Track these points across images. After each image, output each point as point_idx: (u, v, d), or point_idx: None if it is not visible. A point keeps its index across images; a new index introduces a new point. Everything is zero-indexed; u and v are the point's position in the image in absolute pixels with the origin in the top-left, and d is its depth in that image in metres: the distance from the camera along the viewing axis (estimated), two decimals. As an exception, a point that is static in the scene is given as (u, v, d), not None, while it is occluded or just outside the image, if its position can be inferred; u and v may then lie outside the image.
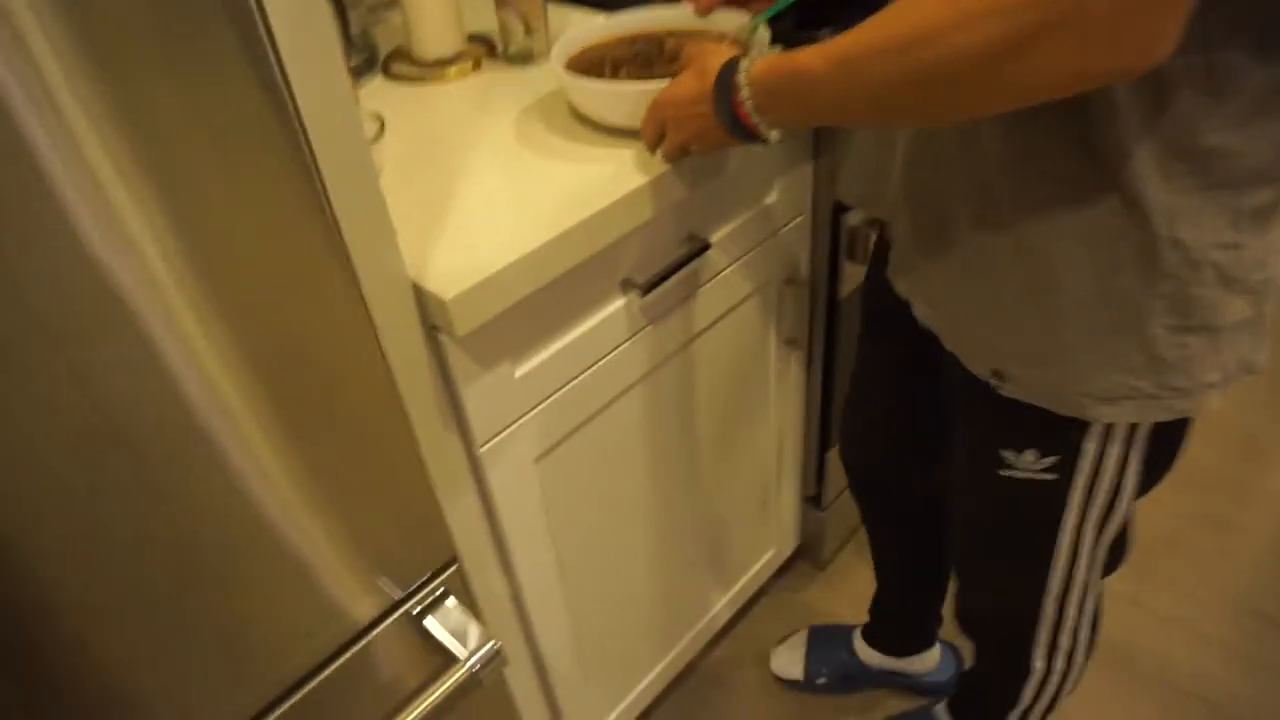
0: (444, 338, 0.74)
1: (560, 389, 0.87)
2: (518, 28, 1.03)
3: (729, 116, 0.69)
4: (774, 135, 0.69)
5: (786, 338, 1.19)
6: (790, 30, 0.99)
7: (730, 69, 0.69)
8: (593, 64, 0.91)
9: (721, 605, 1.37)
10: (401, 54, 1.10)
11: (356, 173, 0.62)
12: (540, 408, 0.86)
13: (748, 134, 0.69)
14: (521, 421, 0.85)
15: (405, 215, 0.79)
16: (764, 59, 0.67)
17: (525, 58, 1.05)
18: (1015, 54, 0.51)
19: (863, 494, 1.19)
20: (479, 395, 0.79)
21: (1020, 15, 0.50)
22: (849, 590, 1.55)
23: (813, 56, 0.62)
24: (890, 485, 1.14)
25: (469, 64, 1.06)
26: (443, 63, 1.07)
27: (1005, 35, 0.51)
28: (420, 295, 0.71)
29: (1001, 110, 0.57)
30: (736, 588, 1.39)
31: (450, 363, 0.76)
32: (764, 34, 0.88)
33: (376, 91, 1.05)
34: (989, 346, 0.75)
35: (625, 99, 0.84)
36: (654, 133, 0.80)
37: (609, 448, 0.99)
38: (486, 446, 0.83)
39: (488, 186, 0.83)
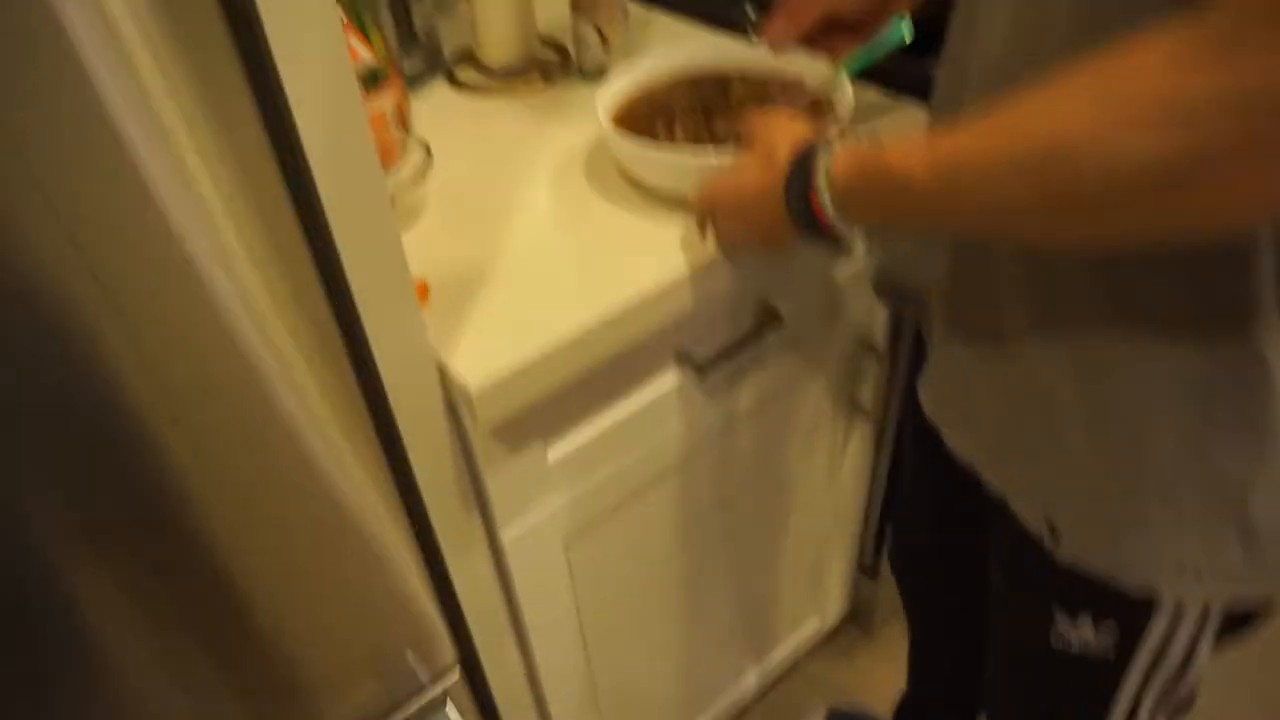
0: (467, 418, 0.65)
1: (599, 469, 0.77)
2: (593, 40, 0.92)
3: (803, 213, 0.56)
4: (857, 241, 0.56)
5: (857, 407, 1.07)
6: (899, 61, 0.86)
7: (806, 162, 0.56)
8: (647, 112, 0.79)
9: (754, 676, 1.27)
10: (467, 56, 1.00)
11: (379, 249, 0.52)
12: (574, 491, 0.76)
13: (824, 235, 0.57)
14: (552, 506, 0.75)
15: (441, 269, 0.70)
16: (848, 153, 0.54)
17: (600, 73, 0.94)
18: (1196, 178, 0.38)
19: (908, 601, 1.07)
20: (505, 480, 0.70)
21: (1211, 125, 0.37)
22: (900, 660, 1.44)
23: (914, 160, 0.49)
24: (936, 604, 1.02)
25: (537, 77, 0.95)
26: (509, 72, 0.97)
27: (1187, 151, 0.38)
28: (444, 373, 0.62)
29: (1158, 241, 0.44)
30: (772, 659, 1.29)
31: (474, 446, 0.67)
32: (847, 90, 0.76)
33: (436, 101, 0.95)
34: (1041, 491, 0.62)
35: (674, 170, 0.72)
36: (703, 222, 0.69)
37: (648, 527, 0.89)
38: (511, 532, 0.74)
39: (537, 241, 0.72)
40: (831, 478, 1.13)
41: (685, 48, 0.84)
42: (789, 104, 0.77)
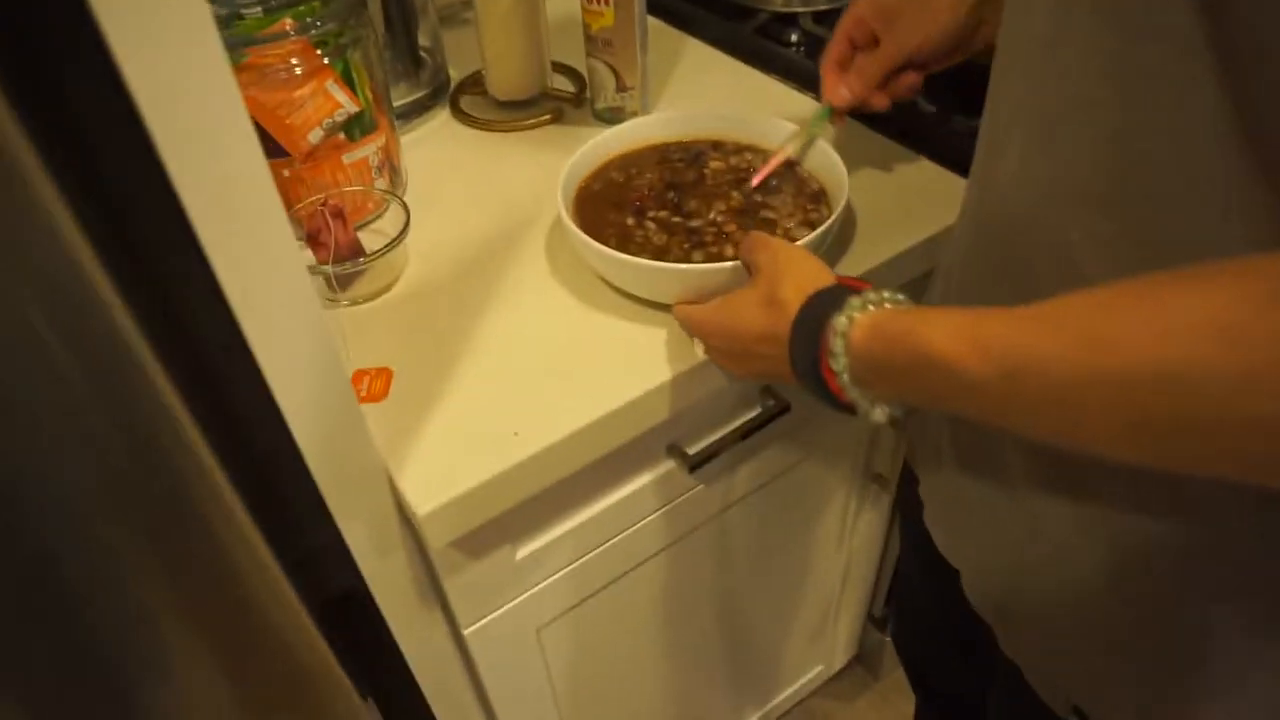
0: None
1: (574, 563, 0.72)
2: (608, 81, 0.85)
3: (813, 380, 0.49)
4: (878, 414, 0.47)
5: (873, 474, 1.00)
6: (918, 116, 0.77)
7: (818, 318, 0.48)
8: (614, 196, 0.72)
9: (755, 717, 1.23)
10: (474, 84, 0.93)
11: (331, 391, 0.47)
12: (546, 584, 0.72)
13: (836, 403, 0.49)
14: (520, 600, 0.71)
15: (410, 351, 0.64)
16: (873, 318, 0.45)
17: (615, 117, 0.87)
18: None
19: (911, 677, 1.01)
20: (466, 584, 0.65)
21: None
22: (905, 711, 1.39)
23: (961, 343, 0.40)
24: (939, 686, 0.95)
25: (546, 115, 0.88)
26: (517, 106, 0.90)
27: None
28: (394, 485, 0.57)
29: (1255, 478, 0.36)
30: (771, 705, 1.24)
31: (431, 556, 0.62)
32: (825, 147, 0.70)
33: (437, 133, 0.89)
34: (1068, 667, 0.54)
35: (643, 279, 0.65)
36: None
37: (636, 603, 0.84)
38: (473, 628, 0.69)
39: (517, 326, 0.66)
40: (841, 542, 1.07)
41: (656, 118, 0.77)
42: (777, 189, 0.70)
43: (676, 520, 0.78)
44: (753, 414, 0.74)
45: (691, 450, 0.71)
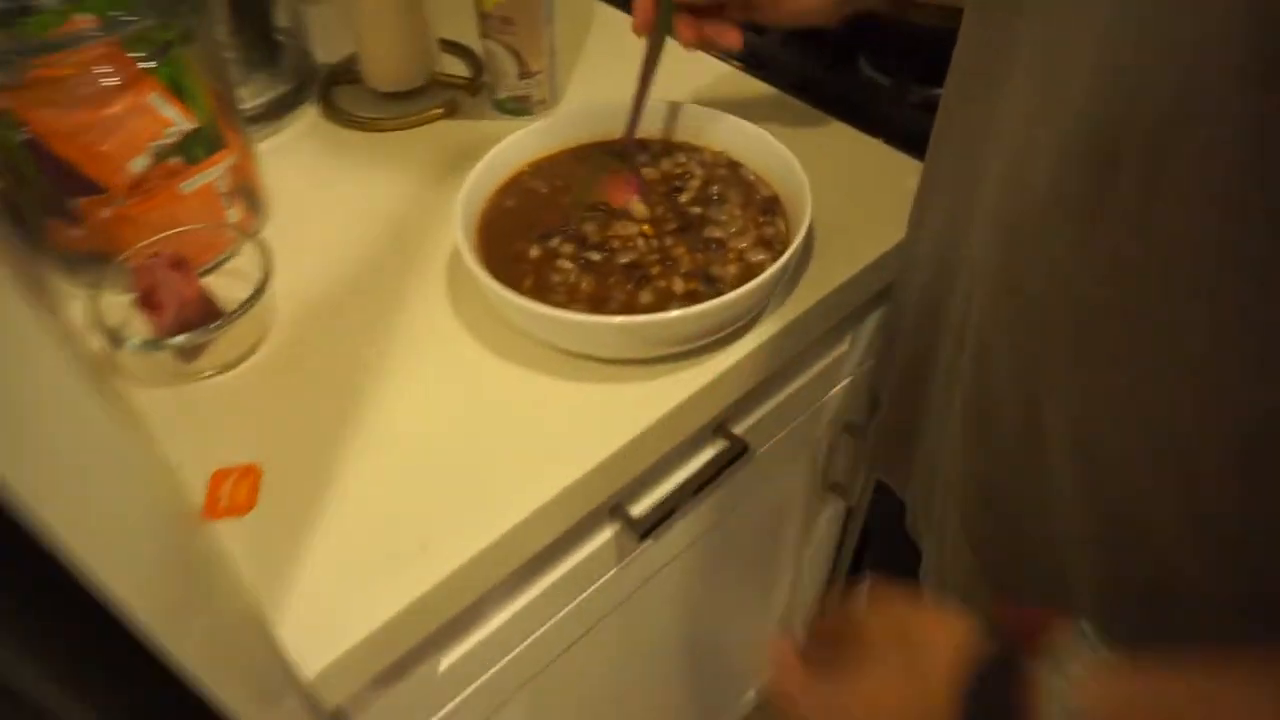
0: (321, 665, 0.48)
1: (512, 653, 0.61)
2: (508, 66, 0.71)
3: None
4: None
5: (831, 483, 0.91)
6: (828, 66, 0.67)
7: (1003, 679, 0.36)
8: (529, 216, 0.59)
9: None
10: (348, 73, 0.78)
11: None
12: (482, 683, 0.61)
13: None
14: (452, 707, 0.60)
15: (280, 438, 0.51)
16: (1097, 678, 0.34)
17: (519, 108, 0.73)
18: None
19: None
20: (383, 709, 0.54)
21: None
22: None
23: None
24: None
25: (437, 108, 0.74)
26: (401, 99, 0.75)
27: None
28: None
29: None
30: (736, 709, 1.17)
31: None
32: (772, 142, 0.60)
33: (304, 138, 0.74)
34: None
35: (575, 333, 0.53)
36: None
37: (590, 663, 0.74)
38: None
39: (414, 401, 0.54)
40: (796, 549, 0.99)
41: (574, 112, 0.64)
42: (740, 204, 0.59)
43: (627, 579, 0.68)
44: (704, 459, 0.64)
45: (637, 512, 0.60)
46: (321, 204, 0.67)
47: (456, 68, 0.79)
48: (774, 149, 0.58)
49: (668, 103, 0.62)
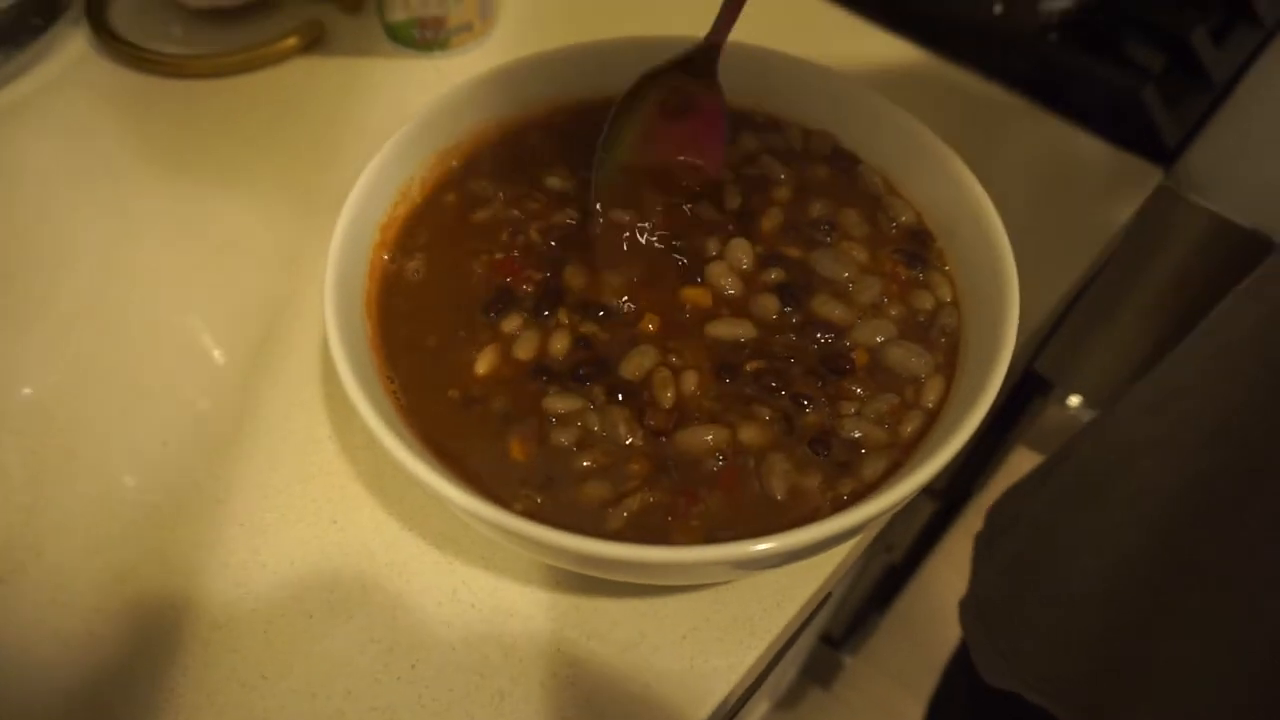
0: None
1: None
2: (408, -35, 0.42)
3: None
4: None
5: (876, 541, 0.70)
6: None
7: None
8: (468, 251, 0.32)
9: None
10: (135, -28, 0.47)
11: None
12: None
13: None
14: None
15: None
16: None
17: (430, 40, 0.45)
18: None
19: None
20: None
21: None
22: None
23: None
24: None
25: (290, 37, 0.45)
26: (228, 21, 0.45)
27: None
28: None
29: None
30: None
31: None
32: (911, 123, 0.32)
33: (53, 92, 0.43)
34: None
35: (616, 566, 0.26)
36: None
37: None
38: None
39: (266, 630, 0.28)
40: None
41: (543, 56, 0.34)
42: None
43: None
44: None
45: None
46: (86, 214, 0.38)
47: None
48: (924, 143, 0.32)
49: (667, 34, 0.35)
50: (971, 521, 0.53)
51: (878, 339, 0.29)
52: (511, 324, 0.29)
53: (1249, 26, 0.49)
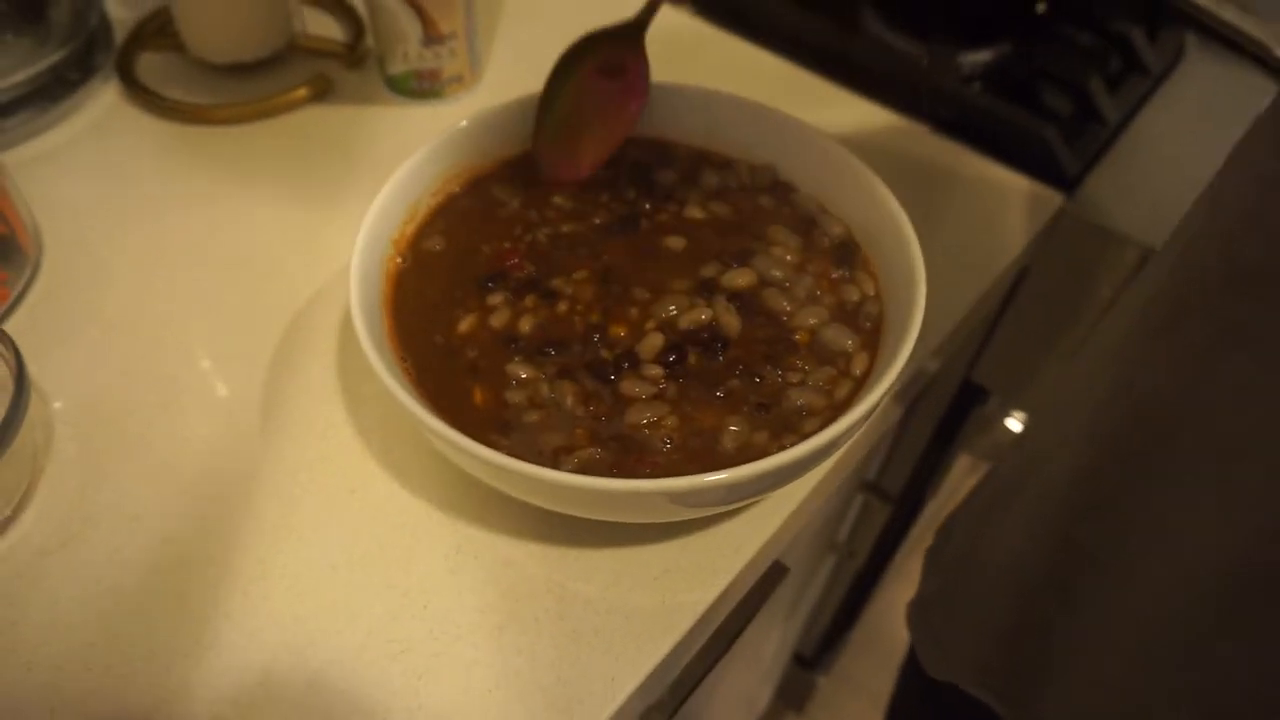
0: None
1: None
2: (408, 26, 0.48)
3: None
4: None
5: (837, 545, 0.75)
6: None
7: None
8: (467, 267, 0.38)
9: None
10: (161, 33, 0.53)
11: None
12: None
13: None
14: None
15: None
16: None
17: (424, 89, 0.51)
18: None
19: None
20: None
21: None
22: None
23: None
24: None
25: (300, 89, 0.51)
26: (245, 75, 0.51)
27: None
28: None
29: None
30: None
31: None
32: (831, 146, 0.39)
33: (96, 135, 0.49)
34: None
35: (582, 498, 0.31)
36: None
37: None
38: None
39: (290, 618, 0.32)
40: (786, 614, 0.82)
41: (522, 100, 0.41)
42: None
43: None
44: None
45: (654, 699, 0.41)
46: (124, 243, 0.43)
47: (327, 28, 0.55)
48: (833, 154, 0.38)
49: (669, 84, 0.41)
50: (926, 536, 0.57)
51: (810, 320, 0.34)
52: (495, 299, 0.35)
53: (1140, 76, 0.57)
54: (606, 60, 0.40)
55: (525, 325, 0.35)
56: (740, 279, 0.36)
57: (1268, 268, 0.25)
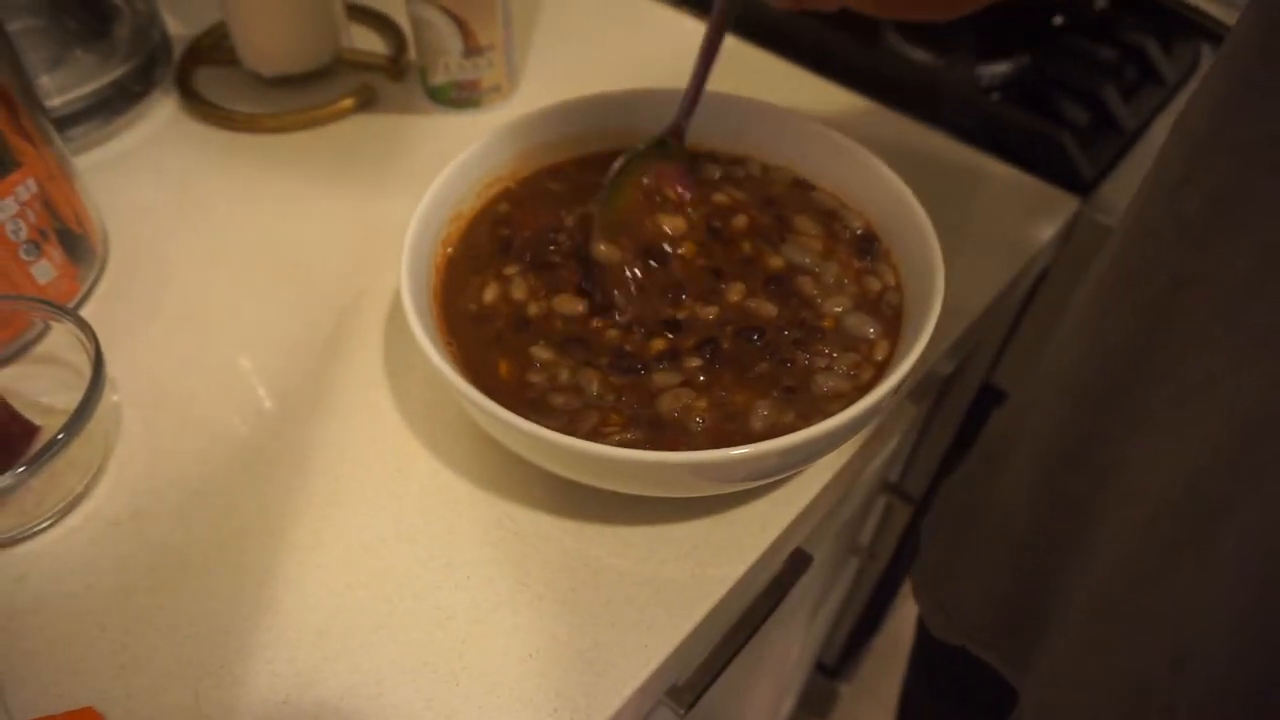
0: None
1: None
2: (449, 39, 0.51)
3: None
4: None
5: (859, 548, 0.76)
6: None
7: None
8: (520, 248, 0.40)
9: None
10: (216, 49, 0.56)
11: None
12: None
13: None
14: None
15: (126, 686, 0.31)
16: None
17: (464, 98, 0.53)
18: None
19: None
20: None
21: None
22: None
23: None
24: None
25: (346, 99, 0.53)
26: (294, 87, 0.54)
27: None
28: None
29: None
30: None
31: None
32: (852, 147, 0.41)
33: (156, 143, 0.52)
34: None
35: (594, 467, 0.33)
36: None
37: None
38: None
39: (344, 578, 0.34)
40: (809, 615, 0.83)
41: (563, 106, 0.43)
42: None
43: None
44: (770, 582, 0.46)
45: (682, 681, 0.42)
46: (184, 242, 0.46)
47: (372, 42, 0.58)
48: (851, 153, 0.40)
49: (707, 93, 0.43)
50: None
51: (836, 307, 0.36)
52: (520, 275, 0.38)
53: (1155, 86, 0.58)
54: (658, 173, 0.40)
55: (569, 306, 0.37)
56: (775, 261, 0.38)
57: (1207, 221, 0.27)
